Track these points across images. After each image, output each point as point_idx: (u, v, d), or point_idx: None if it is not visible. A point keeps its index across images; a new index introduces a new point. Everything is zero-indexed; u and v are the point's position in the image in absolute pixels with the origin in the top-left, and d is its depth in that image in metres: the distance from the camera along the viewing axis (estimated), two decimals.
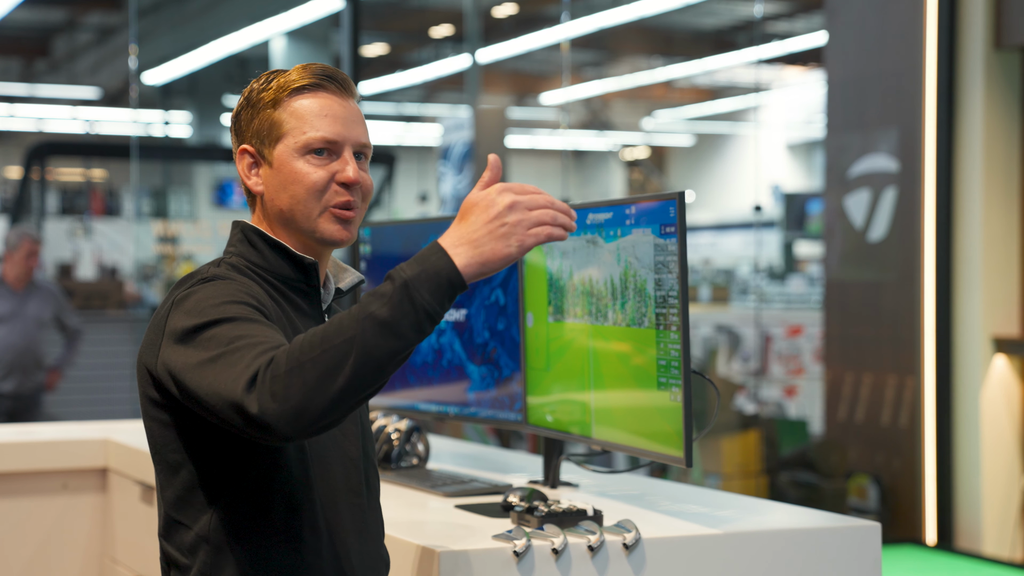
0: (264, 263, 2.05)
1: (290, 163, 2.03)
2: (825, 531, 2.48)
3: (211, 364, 1.80)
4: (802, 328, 8.93)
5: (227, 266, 2.03)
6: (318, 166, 2.03)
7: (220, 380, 1.77)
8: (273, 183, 2.05)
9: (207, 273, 1.99)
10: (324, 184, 2.03)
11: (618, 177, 21.08)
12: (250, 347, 1.79)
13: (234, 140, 2.10)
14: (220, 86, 15.17)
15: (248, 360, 1.76)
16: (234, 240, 2.09)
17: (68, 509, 3.75)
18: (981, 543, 6.29)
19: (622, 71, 16.20)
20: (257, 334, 1.82)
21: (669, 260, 2.37)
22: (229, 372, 1.77)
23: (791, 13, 13.18)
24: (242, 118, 2.08)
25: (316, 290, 2.09)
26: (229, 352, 1.79)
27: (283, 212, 2.05)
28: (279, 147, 2.04)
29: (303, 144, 2.03)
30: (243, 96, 2.10)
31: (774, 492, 6.75)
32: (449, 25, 13.49)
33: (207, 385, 1.79)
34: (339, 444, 2.04)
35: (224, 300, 1.88)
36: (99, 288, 10.68)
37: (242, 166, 2.08)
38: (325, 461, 2.01)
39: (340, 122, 2.05)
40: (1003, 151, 6.39)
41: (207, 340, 1.83)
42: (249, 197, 2.11)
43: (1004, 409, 6.37)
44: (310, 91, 2.06)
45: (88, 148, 16.15)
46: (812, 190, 16.24)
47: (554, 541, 2.29)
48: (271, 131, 2.05)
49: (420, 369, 3.25)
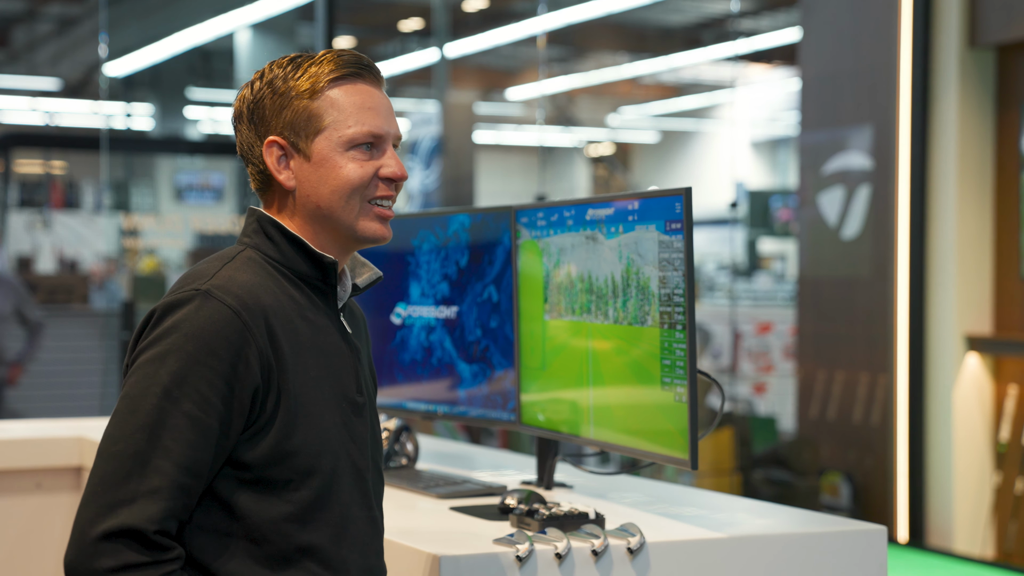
0: (280, 257, 1.97)
1: (332, 158, 1.96)
2: (831, 535, 2.44)
3: (108, 460, 1.79)
4: (772, 325, 8.92)
5: (241, 262, 1.94)
6: (364, 161, 1.97)
7: (93, 500, 1.78)
8: (312, 178, 1.97)
9: (204, 286, 1.87)
10: (369, 180, 1.97)
11: (583, 173, 21.06)
12: (152, 474, 1.77)
13: (251, 129, 1.99)
14: (183, 78, 15.00)
15: (132, 494, 1.76)
16: (249, 230, 2.00)
17: (42, 509, 3.67)
18: (952, 541, 6.30)
19: (588, 67, 16.17)
20: (168, 462, 1.78)
21: (675, 257, 2.32)
22: (106, 497, 1.77)
23: (756, 11, 13.19)
24: (266, 107, 1.97)
25: (333, 288, 2.01)
26: (134, 460, 1.78)
27: (320, 208, 1.96)
28: (318, 140, 1.96)
29: (348, 138, 1.96)
30: (262, 81, 1.99)
31: (747, 490, 6.74)
32: (418, 19, 13.42)
33: (88, 487, 1.80)
34: (352, 458, 1.96)
35: (177, 379, 1.81)
36: (62, 282, 10.54)
37: (271, 159, 1.98)
38: (338, 475, 1.93)
39: (381, 115, 1.98)
40: (977, 149, 6.39)
41: (133, 410, 1.81)
42: (265, 188, 2.01)
43: (976, 407, 6.38)
44: (348, 81, 1.98)
45: (55, 140, 15.96)
46: (776, 187, 16.28)
47: (557, 545, 2.24)
48: (309, 123, 1.96)
49: (409, 367, 3.18)
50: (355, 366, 2.00)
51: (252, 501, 1.86)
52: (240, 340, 1.84)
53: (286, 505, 1.87)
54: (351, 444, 1.96)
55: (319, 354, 1.94)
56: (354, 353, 2.01)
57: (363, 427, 2.00)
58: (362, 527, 1.96)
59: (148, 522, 1.76)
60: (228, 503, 1.86)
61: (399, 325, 3.23)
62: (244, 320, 1.85)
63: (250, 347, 1.85)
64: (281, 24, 12.22)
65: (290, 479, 1.87)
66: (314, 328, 1.95)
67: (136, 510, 1.76)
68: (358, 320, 2.13)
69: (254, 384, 1.85)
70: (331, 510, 1.91)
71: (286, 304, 1.93)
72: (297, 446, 1.88)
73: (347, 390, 1.97)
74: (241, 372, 1.84)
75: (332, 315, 2.01)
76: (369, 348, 2.16)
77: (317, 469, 1.89)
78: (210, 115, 16.76)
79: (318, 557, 1.89)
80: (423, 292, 3.14)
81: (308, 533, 1.89)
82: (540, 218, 2.74)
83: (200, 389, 1.81)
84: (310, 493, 1.89)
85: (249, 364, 1.84)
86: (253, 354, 1.85)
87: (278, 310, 1.91)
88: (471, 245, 2.97)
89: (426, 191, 9.72)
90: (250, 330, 1.85)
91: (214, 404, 1.82)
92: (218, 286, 1.88)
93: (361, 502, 1.97)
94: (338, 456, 1.93)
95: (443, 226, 3.07)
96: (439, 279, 3.08)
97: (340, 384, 1.96)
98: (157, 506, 1.77)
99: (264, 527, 1.86)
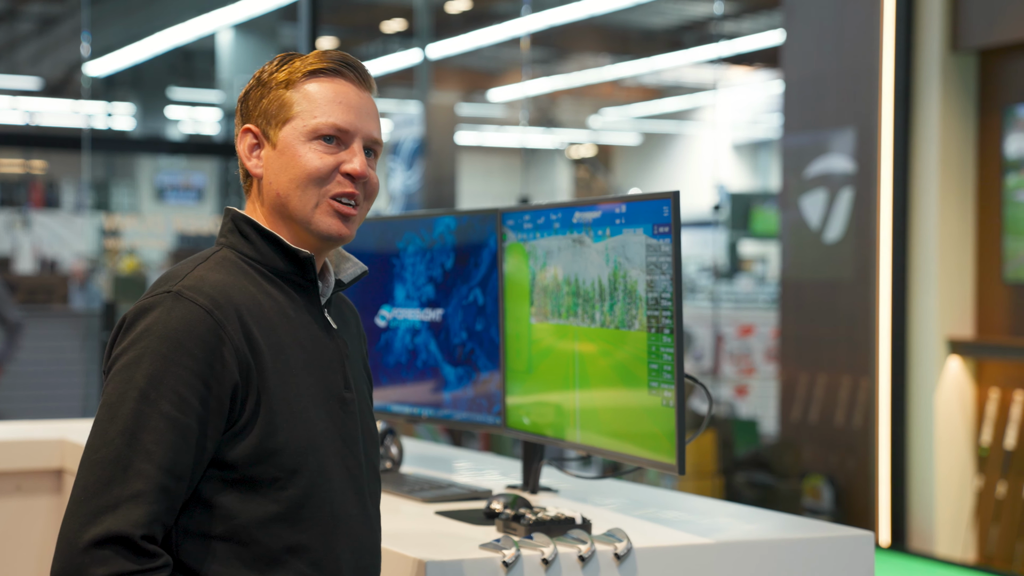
0: (256, 255, 1.96)
1: (294, 146, 1.95)
2: (818, 540, 2.43)
3: (90, 469, 1.78)
4: (753, 328, 8.93)
5: (215, 262, 1.93)
6: (324, 153, 1.95)
7: (77, 509, 1.76)
8: (274, 166, 1.96)
9: (175, 287, 1.86)
10: (328, 172, 1.95)
11: (565, 175, 21.06)
12: (134, 478, 1.76)
13: (238, 121, 2.01)
14: (164, 78, 14.94)
15: (116, 499, 1.75)
16: (225, 230, 2.00)
17: (22, 511, 3.63)
18: (934, 544, 6.31)
19: (570, 68, 16.17)
20: (150, 464, 1.77)
21: (662, 261, 2.32)
22: (91, 504, 1.75)
23: (738, 13, 13.21)
24: (251, 98, 2.00)
25: (314, 284, 1.99)
26: (115, 465, 1.76)
27: (279, 197, 1.96)
28: (285, 128, 1.96)
29: (312, 128, 1.95)
30: (254, 77, 2.01)
31: (730, 493, 6.74)
32: (400, 20, 13.39)
33: (72, 496, 1.78)
34: (341, 455, 1.94)
35: (153, 381, 1.80)
36: (42, 282, 10.48)
37: (243, 146, 1.99)
38: (326, 473, 1.91)
39: (353, 111, 1.97)
40: (959, 153, 6.41)
41: (112, 417, 1.79)
42: (246, 183, 2.01)
43: (958, 411, 6.39)
44: (326, 76, 1.98)
45: (36, 139, 15.89)
46: (757, 190, 16.30)
47: (544, 551, 2.23)
48: (279, 111, 1.96)
49: (394, 370, 3.17)
50: (342, 362, 1.98)
51: (238, 501, 1.84)
52: (214, 338, 1.83)
53: (273, 504, 1.85)
54: (339, 441, 1.94)
55: (301, 351, 1.92)
56: (341, 348, 1.99)
57: (353, 424, 1.98)
58: (354, 526, 1.94)
59: (134, 527, 1.75)
60: (213, 504, 1.84)
61: (384, 328, 3.21)
62: (217, 318, 1.84)
63: (225, 345, 1.83)
64: (263, 24, 12.19)
65: (276, 478, 1.86)
66: (294, 325, 1.93)
67: (120, 516, 1.74)
68: (347, 316, 2.11)
69: (232, 382, 1.84)
70: (320, 509, 1.89)
71: (263, 302, 1.91)
72: (281, 444, 1.86)
73: (334, 386, 1.96)
74: (218, 370, 1.82)
75: (315, 311, 1.99)
76: (364, 345, 2.14)
77: (303, 467, 1.87)
78: (191, 115, 16.70)
79: (308, 557, 1.87)
80: (408, 294, 3.12)
81: (297, 533, 1.87)
82: (526, 221, 2.73)
83: (177, 389, 1.80)
84: (297, 492, 1.87)
85: (225, 362, 1.83)
86: (229, 352, 1.84)
87: (253, 308, 1.89)
88: (457, 247, 2.96)
89: (408, 192, 9.70)
90: (224, 328, 1.84)
91: (192, 404, 1.80)
92: (189, 286, 1.87)
93: (354, 500, 1.95)
94: (326, 454, 1.91)
95: (428, 228, 3.05)
96: (424, 281, 3.07)
97: (325, 381, 1.95)
98: (141, 510, 1.75)
99: (251, 528, 1.84)
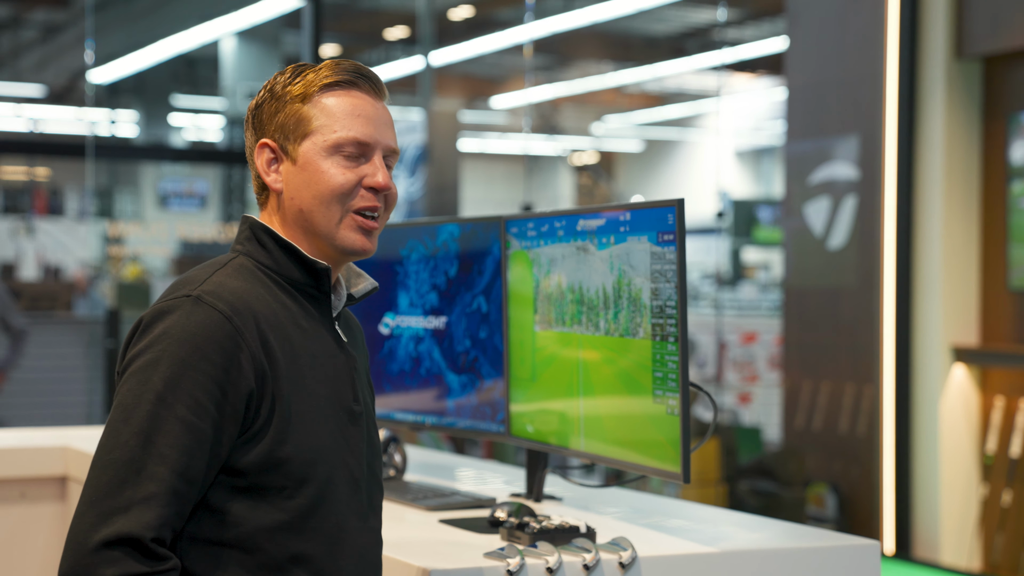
0: (273, 264, 1.96)
1: (316, 162, 1.94)
2: (824, 550, 2.42)
3: (103, 469, 1.77)
4: (757, 335, 8.92)
5: (233, 268, 1.92)
6: (346, 168, 1.95)
7: (88, 509, 1.76)
8: (295, 181, 1.96)
9: (195, 292, 1.86)
10: (351, 188, 1.95)
11: (567, 182, 21.06)
12: (147, 480, 1.75)
13: (251, 134, 2.01)
14: (168, 86, 14.96)
15: (128, 501, 1.74)
16: (242, 237, 1.99)
17: (26, 519, 3.63)
18: (939, 552, 6.29)
19: (573, 75, 16.18)
20: (163, 467, 1.77)
21: (667, 269, 2.31)
22: (102, 505, 1.74)
23: (741, 20, 13.21)
24: (264, 111, 1.99)
25: (327, 296, 1.99)
26: (128, 467, 1.76)
27: (302, 213, 1.95)
28: (305, 144, 1.95)
29: (332, 143, 1.95)
30: (265, 89, 2.01)
31: (733, 501, 6.73)
32: (403, 27, 13.40)
33: (83, 496, 1.77)
34: (348, 467, 1.94)
35: (171, 384, 1.80)
36: (46, 289, 10.49)
37: (261, 161, 1.98)
38: (333, 484, 1.90)
39: (372, 124, 1.97)
40: (963, 160, 6.40)
41: (126, 418, 1.79)
42: (261, 194, 2.01)
43: (962, 418, 6.38)
44: (343, 88, 1.98)
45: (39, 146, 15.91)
46: (760, 197, 16.31)
47: (548, 560, 2.22)
48: (298, 127, 1.96)
49: (397, 377, 3.16)
50: (351, 375, 1.99)
51: (246, 509, 1.84)
52: (232, 344, 1.83)
53: (280, 513, 1.85)
54: (347, 452, 1.94)
55: (313, 361, 1.93)
56: (350, 362, 2.00)
57: (359, 436, 1.98)
58: (358, 537, 1.94)
59: (145, 529, 1.74)
60: (221, 511, 1.84)
61: (387, 335, 3.21)
62: (236, 325, 1.84)
63: (242, 351, 1.83)
64: (266, 32, 12.20)
65: (284, 486, 1.85)
66: (308, 336, 1.93)
67: (132, 517, 1.74)
68: (354, 331, 2.11)
69: (248, 388, 1.83)
70: (326, 519, 1.89)
71: (279, 311, 1.91)
72: (291, 453, 1.86)
73: (343, 398, 1.96)
74: (234, 376, 1.82)
75: (327, 323, 1.99)
76: (367, 359, 2.14)
77: (311, 477, 1.87)
78: (194, 122, 16.72)
79: (311, 567, 1.87)
80: (412, 302, 3.12)
81: (302, 542, 1.87)
82: (530, 228, 2.72)
83: (194, 394, 1.80)
84: (304, 501, 1.87)
85: (242, 368, 1.83)
86: (246, 358, 1.83)
87: (270, 317, 1.89)
88: (460, 255, 2.96)
89: (410, 199, 9.71)
90: (242, 335, 1.84)
91: (208, 409, 1.80)
92: (209, 292, 1.87)
93: (358, 511, 1.95)
94: (333, 464, 1.91)
95: (432, 236, 3.05)
96: (428, 289, 3.06)
97: (336, 392, 1.95)
98: (152, 512, 1.75)
99: (257, 536, 1.84)
